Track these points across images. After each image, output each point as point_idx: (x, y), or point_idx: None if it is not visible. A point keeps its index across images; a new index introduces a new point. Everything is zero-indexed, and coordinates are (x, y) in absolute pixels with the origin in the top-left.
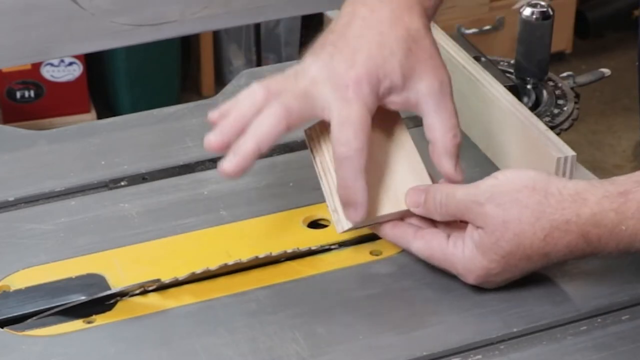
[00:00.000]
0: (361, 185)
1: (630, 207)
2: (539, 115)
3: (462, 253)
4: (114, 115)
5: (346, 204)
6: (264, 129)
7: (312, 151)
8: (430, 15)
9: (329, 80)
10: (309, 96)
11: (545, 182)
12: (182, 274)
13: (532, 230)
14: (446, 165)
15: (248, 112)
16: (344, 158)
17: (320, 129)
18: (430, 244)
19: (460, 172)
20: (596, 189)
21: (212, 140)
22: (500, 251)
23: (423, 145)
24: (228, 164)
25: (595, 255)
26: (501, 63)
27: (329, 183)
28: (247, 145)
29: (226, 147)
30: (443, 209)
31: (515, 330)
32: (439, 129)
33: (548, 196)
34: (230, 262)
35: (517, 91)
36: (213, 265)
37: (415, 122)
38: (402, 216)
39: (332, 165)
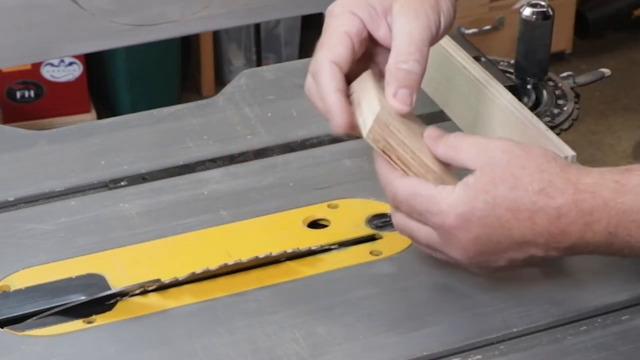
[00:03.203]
0: (333, 98)
1: (631, 180)
2: (539, 115)
3: (451, 190)
4: (114, 115)
5: (327, 115)
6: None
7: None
8: None
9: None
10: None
11: (556, 155)
12: (182, 274)
13: (531, 179)
14: (387, 88)
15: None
16: (314, 74)
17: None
18: (417, 183)
19: (404, 102)
20: (601, 168)
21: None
22: (493, 190)
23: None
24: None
25: (580, 239)
26: (501, 63)
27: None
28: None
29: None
30: (454, 140)
31: (515, 330)
32: (396, 54)
33: (557, 160)
34: (230, 262)
35: (517, 91)
36: (213, 265)
37: (427, 119)
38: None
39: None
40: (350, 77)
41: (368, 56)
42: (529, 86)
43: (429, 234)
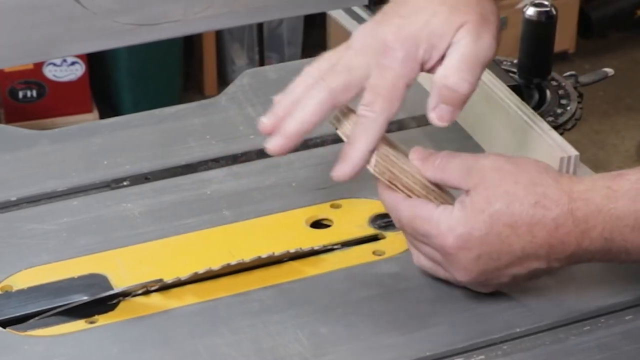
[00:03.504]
0: (364, 149)
1: (622, 185)
2: (542, 115)
3: (450, 213)
4: (116, 115)
5: (342, 157)
6: (307, 109)
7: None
8: None
9: (370, 47)
10: (352, 68)
11: (550, 167)
12: (184, 274)
13: (525, 193)
14: (429, 101)
15: (299, 95)
16: (362, 116)
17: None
18: (419, 204)
19: (442, 118)
20: (592, 175)
21: (264, 122)
22: (489, 208)
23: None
24: (272, 144)
25: (578, 248)
26: (504, 63)
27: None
28: (290, 127)
29: (276, 130)
30: (443, 162)
31: (518, 330)
32: (444, 68)
33: (548, 171)
34: (233, 262)
35: (520, 91)
36: (216, 265)
37: (418, 122)
38: None
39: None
40: None
41: None
42: (532, 86)
43: (433, 254)
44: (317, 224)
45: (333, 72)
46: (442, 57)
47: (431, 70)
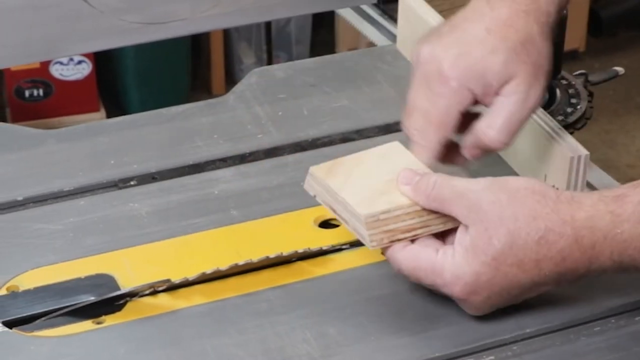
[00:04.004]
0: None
1: (626, 209)
2: (552, 114)
3: (452, 259)
4: (123, 114)
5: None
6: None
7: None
8: (551, 21)
9: (427, 76)
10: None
11: (544, 187)
12: (192, 274)
13: (527, 230)
14: (466, 139)
15: None
16: (415, 142)
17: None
18: (418, 254)
19: (473, 156)
20: (592, 194)
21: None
22: (492, 250)
23: None
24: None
25: (588, 271)
26: None
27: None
28: None
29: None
30: (435, 191)
31: (528, 331)
32: (489, 119)
33: (546, 198)
34: (241, 262)
35: None
36: (223, 266)
37: None
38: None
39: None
40: None
41: None
42: None
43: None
44: (326, 224)
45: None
46: (496, 93)
47: (483, 103)
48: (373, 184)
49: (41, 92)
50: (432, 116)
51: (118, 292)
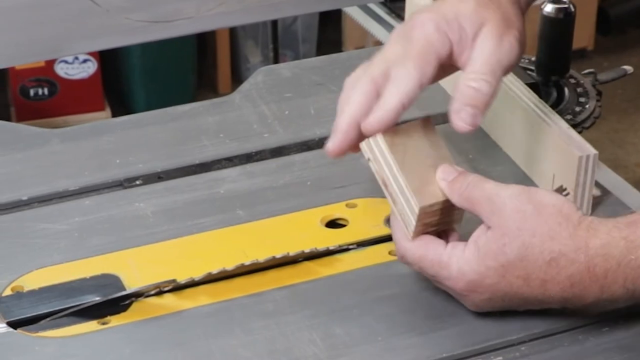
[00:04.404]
0: (397, 102)
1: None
2: (560, 113)
3: (462, 253)
4: (129, 113)
5: (373, 109)
6: (353, 101)
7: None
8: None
9: (402, 34)
10: (387, 55)
11: (571, 210)
12: (198, 274)
13: (541, 249)
14: (453, 105)
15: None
16: (395, 73)
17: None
18: (426, 244)
19: (465, 122)
20: (607, 221)
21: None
22: (502, 258)
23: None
24: (329, 144)
25: (598, 300)
26: (522, 60)
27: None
28: (341, 122)
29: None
30: (467, 190)
31: (536, 331)
32: (467, 71)
33: (568, 222)
34: (247, 262)
35: (538, 89)
36: (229, 266)
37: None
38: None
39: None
40: None
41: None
42: (550, 84)
43: (440, 285)
44: (333, 224)
45: (371, 63)
46: (469, 48)
47: (460, 62)
48: (421, 169)
49: (46, 91)
50: (413, 52)
51: (123, 293)
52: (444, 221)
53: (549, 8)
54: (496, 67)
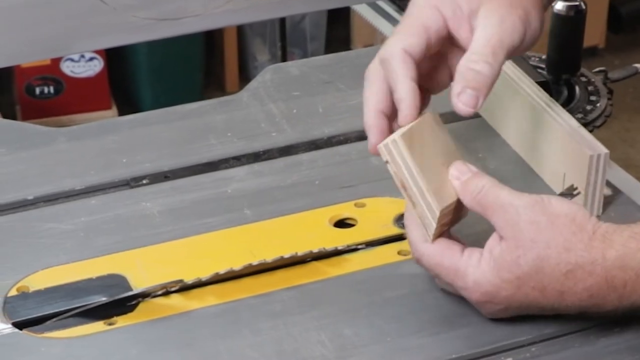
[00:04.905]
0: (404, 86)
1: None
2: (571, 112)
3: (477, 264)
4: (136, 112)
5: (397, 108)
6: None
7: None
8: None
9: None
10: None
11: (585, 218)
12: (205, 275)
13: (557, 261)
14: (454, 88)
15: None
16: (383, 62)
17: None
18: (442, 251)
19: (467, 104)
20: (622, 230)
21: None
22: (518, 270)
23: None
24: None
25: (616, 308)
26: (532, 58)
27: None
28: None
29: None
30: (480, 195)
31: (547, 332)
32: (469, 52)
33: (583, 232)
34: (255, 262)
35: (548, 87)
36: (237, 266)
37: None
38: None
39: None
40: (421, 76)
41: (443, 57)
42: (561, 82)
43: (455, 291)
44: (341, 224)
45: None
46: (467, 24)
47: (460, 39)
48: (436, 169)
49: (52, 89)
50: (403, 24)
51: (130, 293)
52: (456, 218)
53: (559, 6)
54: (497, 48)
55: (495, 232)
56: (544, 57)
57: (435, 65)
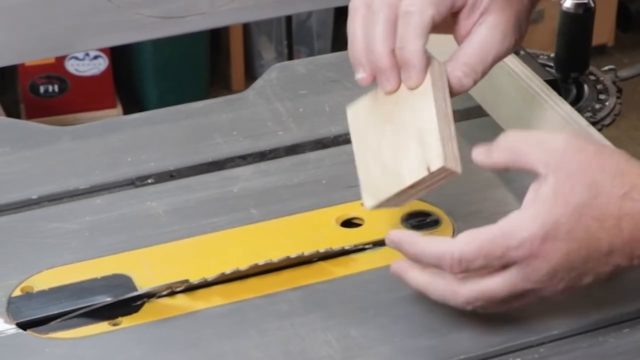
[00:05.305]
0: (419, 46)
1: None
2: (579, 111)
3: (519, 214)
4: (141, 111)
5: (402, 66)
6: (377, 33)
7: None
8: None
9: None
10: None
11: (622, 154)
12: (211, 275)
13: (612, 184)
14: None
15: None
16: (406, 12)
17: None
18: (474, 234)
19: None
20: None
21: (362, 78)
22: (574, 199)
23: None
24: (386, 84)
25: None
26: (541, 57)
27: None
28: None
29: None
30: (510, 142)
31: (555, 332)
32: (461, 51)
33: (630, 160)
34: (261, 262)
35: (557, 86)
36: (243, 266)
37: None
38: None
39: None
40: None
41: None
42: (569, 80)
43: (506, 281)
44: (348, 223)
45: None
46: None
47: (460, 28)
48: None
49: (56, 88)
50: None
51: (135, 293)
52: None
53: (568, 4)
54: (489, 66)
55: (535, 181)
56: (552, 55)
57: None
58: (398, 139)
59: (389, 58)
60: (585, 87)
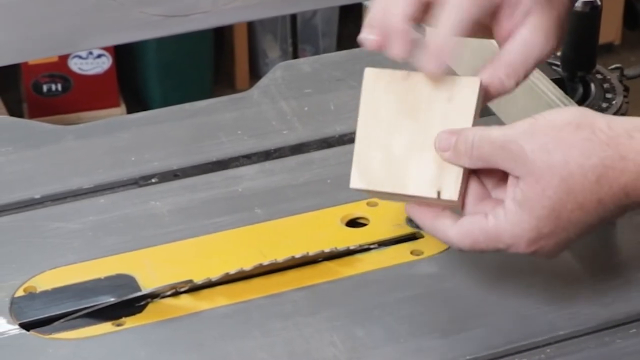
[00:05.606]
0: (451, 33)
1: None
2: None
3: (505, 219)
4: (144, 110)
5: (428, 48)
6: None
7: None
8: None
9: None
10: None
11: (591, 118)
12: (215, 275)
13: (582, 172)
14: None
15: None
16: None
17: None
18: (468, 229)
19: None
20: (633, 120)
21: (369, 39)
22: (548, 202)
23: None
24: (394, 50)
25: None
26: None
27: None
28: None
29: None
30: (475, 151)
31: (561, 333)
32: (506, 54)
33: (596, 131)
34: (266, 262)
35: (563, 84)
36: (247, 266)
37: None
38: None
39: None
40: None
41: None
42: (576, 79)
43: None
44: (353, 223)
45: None
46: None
47: (500, 29)
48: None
49: (59, 86)
50: None
51: (139, 293)
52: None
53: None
54: (530, 68)
55: (510, 177)
56: (558, 54)
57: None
58: (416, 141)
59: (403, 21)
60: (592, 85)
